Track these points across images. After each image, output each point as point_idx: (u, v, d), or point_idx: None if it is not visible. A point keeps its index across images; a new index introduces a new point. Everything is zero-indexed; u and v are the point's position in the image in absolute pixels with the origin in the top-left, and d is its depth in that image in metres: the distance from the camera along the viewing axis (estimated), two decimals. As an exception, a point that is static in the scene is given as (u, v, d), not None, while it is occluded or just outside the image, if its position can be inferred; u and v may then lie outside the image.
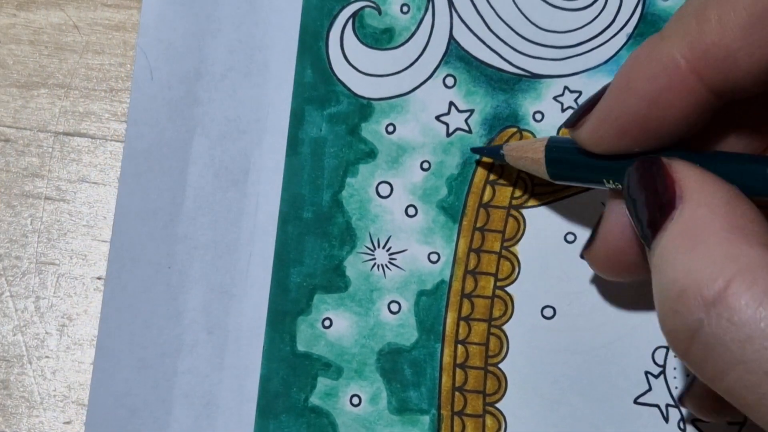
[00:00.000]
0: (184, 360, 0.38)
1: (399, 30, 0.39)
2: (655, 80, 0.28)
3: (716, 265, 0.25)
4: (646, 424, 0.37)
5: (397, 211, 0.38)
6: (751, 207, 0.27)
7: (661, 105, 0.29)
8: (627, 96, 0.29)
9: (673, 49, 0.28)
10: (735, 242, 0.26)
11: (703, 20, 0.27)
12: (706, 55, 0.27)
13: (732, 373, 0.25)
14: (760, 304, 0.24)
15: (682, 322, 0.26)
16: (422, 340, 0.38)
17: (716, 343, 0.25)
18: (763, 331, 0.24)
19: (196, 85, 0.39)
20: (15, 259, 0.39)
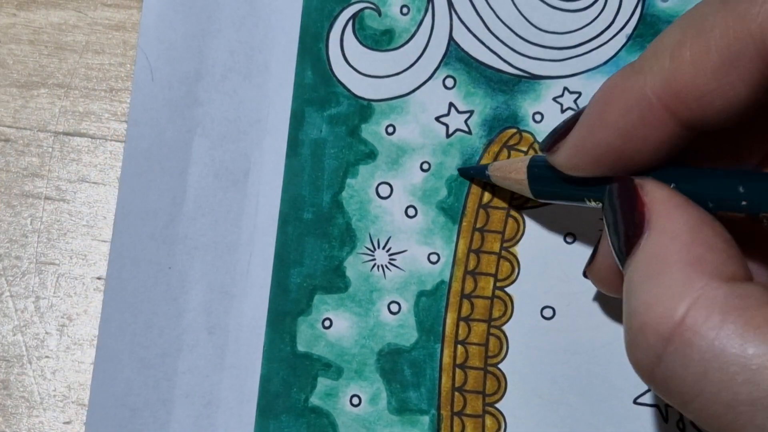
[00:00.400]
0: (185, 360, 0.38)
1: (399, 31, 0.39)
2: (628, 115, 0.28)
3: (672, 300, 0.26)
4: (646, 424, 0.37)
5: (397, 212, 0.38)
6: (716, 233, 0.27)
7: (634, 138, 0.29)
8: (600, 128, 0.29)
9: (646, 85, 0.28)
10: (692, 275, 0.26)
11: (678, 59, 0.27)
12: (678, 94, 0.27)
13: (694, 403, 0.25)
14: (714, 337, 0.25)
15: (643, 355, 0.26)
16: (422, 341, 0.38)
17: (675, 378, 0.26)
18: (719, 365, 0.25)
19: (196, 85, 0.39)
20: (15, 259, 0.39)
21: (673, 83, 0.27)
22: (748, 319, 0.25)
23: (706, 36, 0.26)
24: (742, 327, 0.24)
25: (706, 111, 0.27)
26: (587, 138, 0.30)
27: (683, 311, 0.25)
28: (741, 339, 0.24)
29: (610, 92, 0.29)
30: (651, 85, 0.28)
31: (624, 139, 0.29)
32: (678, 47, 0.27)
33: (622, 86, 0.29)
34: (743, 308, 0.25)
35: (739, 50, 0.26)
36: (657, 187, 0.28)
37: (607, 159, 0.29)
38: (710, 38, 0.26)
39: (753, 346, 0.24)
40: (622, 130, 0.29)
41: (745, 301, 0.25)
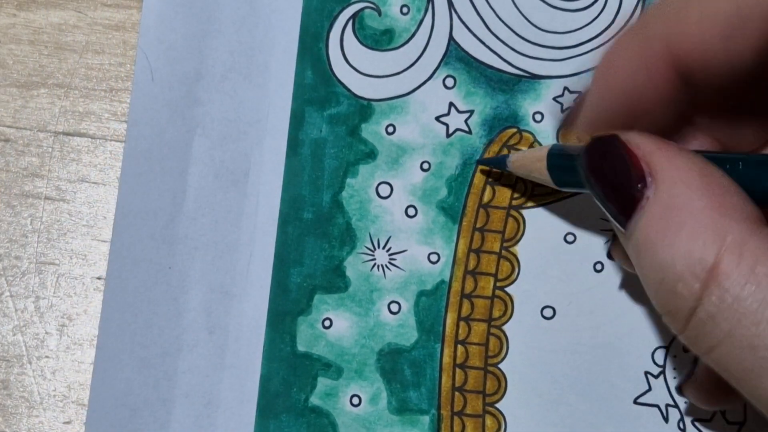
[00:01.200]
0: (185, 360, 0.38)
1: (399, 31, 0.39)
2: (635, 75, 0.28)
3: (705, 246, 0.25)
4: (646, 424, 0.37)
5: (397, 212, 0.38)
6: (725, 176, 0.27)
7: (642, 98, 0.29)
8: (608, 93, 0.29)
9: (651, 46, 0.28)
10: (718, 219, 0.26)
11: (684, 20, 0.27)
12: (684, 54, 0.27)
13: (721, 347, 0.25)
14: (746, 281, 0.25)
15: (681, 303, 0.26)
16: (422, 341, 0.38)
17: (709, 321, 0.26)
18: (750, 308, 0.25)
19: (196, 85, 0.39)
20: (15, 259, 0.39)
21: (679, 43, 0.27)
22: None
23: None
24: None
25: (710, 67, 0.27)
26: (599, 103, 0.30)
27: (717, 257, 0.25)
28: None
29: (614, 57, 0.29)
30: (656, 45, 0.28)
31: (633, 100, 0.29)
32: (685, 6, 0.27)
33: (627, 49, 0.29)
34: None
35: (746, 14, 0.26)
36: (646, 139, 0.28)
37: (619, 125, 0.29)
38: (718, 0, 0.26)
39: None
40: (631, 90, 0.29)
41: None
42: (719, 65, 0.27)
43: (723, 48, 0.27)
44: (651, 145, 0.28)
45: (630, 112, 0.29)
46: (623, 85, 0.29)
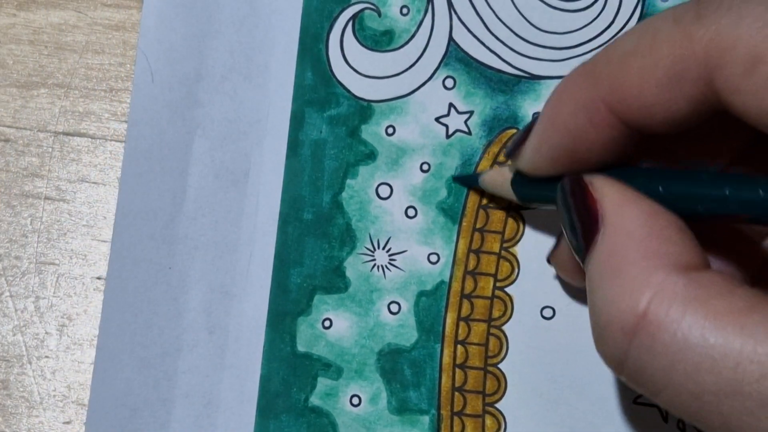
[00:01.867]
0: (185, 360, 0.38)
1: (399, 32, 0.39)
2: (578, 117, 0.29)
3: (633, 295, 0.26)
4: (646, 424, 0.37)
5: (396, 213, 0.38)
6: (670, 225, 0.27)
7: (584, 139, 0.29)
8: (553, 131, 0.30)
9: (593, 92, 0.29)
10: (650, 269, 0.26)
11: (626, 68, 0.28)
12: (624, 101, 0.28)
13: (662, 394, 0.26)
14: (676, 329, 0.25)
15: (611, 350, 0.27)
16: (422, 341, 0.38)
17: (642, 370, 0.26)
18: (683, 356, 0.25)
19: (196, 86, 0.39)
20: (15, 259, 0.39)
21: (620, 90, 0.28)
22: (708, 308, 0.25)
23: (655, 50, 0.27)
24: (703, 317, 0.25)
25: (649, 120, 0.28)
26: (543, 140, 0.31)
27: (644, 305, 0.26)
28: (702, 329, 0.25)
29: (560, 96, 0.30)
30: (598, 90, 0.29)
31: (575, 140, 0.30)
32: (628, 57, 0.28)
33: (571, 90, 0.30)
34: (703, 297, 0.25)
35: (683, 69, 0.27)
36: (607, 183, 0.29)
37: (563, 159, 0.30)
38: (658, 53, 0.27)
39: (714, 335, 0.24)
40: (572, 132, 0.30)
41: (704, 290, 0.25)
42: (658, 114, 0.28)
43: (661, 98, 0.27)
44: (607, 189, 0.29)
45: (572, 151, 0.30)
46: (566, 125, 0.30)
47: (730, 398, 0.24)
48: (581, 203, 0.29)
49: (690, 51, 0.26)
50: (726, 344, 0.24)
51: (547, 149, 0.31)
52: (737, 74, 0.25)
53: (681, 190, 0.28)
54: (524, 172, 0.33)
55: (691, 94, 0.27)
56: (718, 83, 0.26)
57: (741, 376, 0.24)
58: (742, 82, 0.25)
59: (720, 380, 0.24)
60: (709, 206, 0.28)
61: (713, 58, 0.26)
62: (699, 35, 0.26)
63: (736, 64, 0.25)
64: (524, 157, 0.32)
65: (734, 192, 0.27)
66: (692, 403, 0.25)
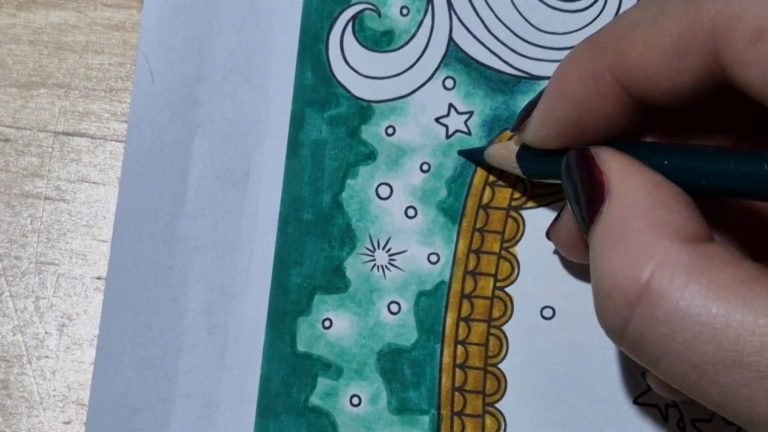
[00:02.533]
0: (185, 360, 0.38)
1: (399, 32, 0.39)
2: (583, 87, 0.29)
3: (637, 263, 0.26)
4: (646, 424, 0.37)
5: (396, 213, 0.38)
6: (674, 196, 0.27)
7: (590, 110, 0.30)
8: (559, 101, 0.30)
9: (600, 61, 0.29)
10: (654, 238, 0.26)
11: (632, 38, 0.28)
12: (629, 70, 0.28)
13: (661, 363, 0.26)
14: (679, 298, 0.25)
15: (612, 319, 0.27)
16: (422, 341, 0.38)
17: (643, 339, 0.26)
18: (684, 325, 0.25)
19: (196, 87, 0.39)
20: (15, 259, 0.39)
21: (625, 60, 0.28)
22: (711, 278, 0.25)
23: (661, 21, 0.27)
24: (706, 287, 0.25)
25: (654, 91, 0.28)
26: (549, 112, 0.31)
27: (648, 274, 0.26)
28: (704, 299, 0.25)
29: (567, 66, 0.30)
30: (605, 61, 0.29)
31: (581, 110, 0.30)
32: (634, 27, 0.28)
33: (578, 60, 0.30)
34: (706, 268, 0.25)
35: (689, 40, 0.27)
36: (613, 155, 0.29)
37: (569, 131, 0.31)
38: (665, 24, 0.27)
39: (716, 306, 0.25)
40: (579, 101, 0.30)
41: (708, 261, 0.25)
42: (663, 85, 0.28)
43: (666, 69, 0.28)
44: (612, 161, 0.29)
45: (578, 122, 0.30)
46: (572, 95, 0.30)
47: (729, 369, 0.24)
48: (587, 174, 0.29)
49: (696, 22, 0.26)
50: (728, 315, 0.24)
51: (553, 121, 0.31)
52: (742, 46, 0.26)
53: (686, 164, 0.28)
54: (530, 145, 0.33)
55: (697, 66, 0.27)
56: (723, 55, 0.26)
57: (741, 347, 0.24)
58: (746, 55, 0.26)
59: (720, 350, 0.24)
60: (714, 181, 0.28)
61: (719, 29, 0.26)
62: (706, 7, 0.26)
63: (742, 36, 0.26)
64: (530, 129, 0.32)
65: (739, 166, 0.27)
66: (691, 372, 0.25)
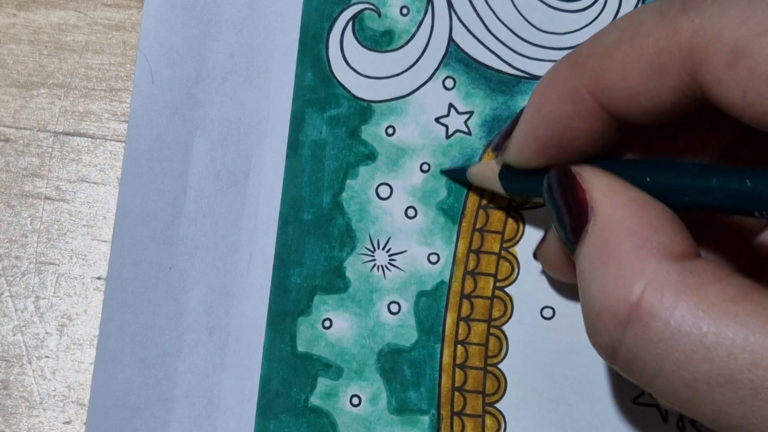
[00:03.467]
0: (185, 360, 0.38)
1: (399, 32, 0.39)
2: (563, 107, 0.29)
3: (626, 284, 0.26)
4: (645, 424, 0.37)
5: (396, 213, 0.38)
6: (660, 214, 0.27)
7: (570, 128, 0.30)
8: (539, 121, 0.30)
9: (578, 80, 0.29)
10: (642, 257, 0.26)
11: (610, 58, 0.28)
12: (608, 90, 0.28)
13: (655, 382, 0.26)
14: (669, 317, 0.25)
15: (604, 340, 0.27)
16: (422, 341, 0.38)
17: (636, 359, 0.26)
18: (677, 344, 0.25)
19: (196, 87, 0.39)
20: (15, 259, 0.39)
21: (604, 80, 0.28)
22: (701, 296, 0.25)
23: (639, 41, 0.27)
24: (696, 305, 0.25)
25: (634, 110, 0.28)
26: (529, 131, 0.31)
27: (638, 294, 0.26)
28: (695, 317, 0.25)
29: (546, 85, 0.30)
30: (583, 80, 0.29)
31: (561, 130, 0.30)
32: (612, 47, 0.28)
33: (557, 79, 0.30)
34: (695, 286, 0.25)
35: (667, 60, 0.27)
36: (596, 174, 0.29)
37: (550, 150, 0.30)
38: (643, 44, 0.27)
39: (706, 324, 0.25)
40: (558, 121, 0.30)
41: (697, 279, 0.25)
42: (642, 104, 0.28)
43: (645, 89, 0.27)
44: (595, 179, 0.29)
45: (558, 141, 0.30)
46: (552, 114, 0.30)
47: (722, 387, 0.24)
48: (570, 194, 0.29)
49: (674, 42, 0.26)
50: (719, 333, 0.24)
51: (534, 140, 0.31)
52: (720, 67, 0.26)
53: (668, 181, 0.28)
54: (511, 165, 0.33)
55: (675, 86, 0.27)
56: (701, 75, 0.26)
57: (733, 365, 0.24)
58: (725, 75, 0.26)
59: (713, 369, 0.24)
60: (697, 197, 0.28)
61: (697, 50, 0.26)
62: (684, 27, 0.26)
63: (720, 56, 0.26)
64: (511, 149, 0.32)
65: (721, 183, 0.27)
66: (685, 391, 0.25)
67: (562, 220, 0.29)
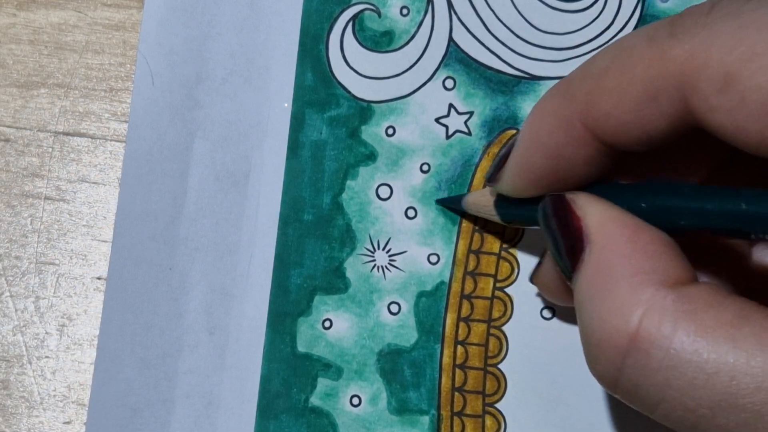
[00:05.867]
0: (186, 360, 0.38)
1: (399, 32, 0.39)
2: (555, 136, 0.29)
3: (623, 313, 0.26)
4: (646, 424, 0.37)
5: (396, 213, 0.38)
6: (655, 240, 0.27)
7: (562, 158, 0.30)
8: (532, 150, 0.30)
9: (570, 109, 0.29)
10: (638, 286, 0.26)
11: (602, 86, 0.28)
12: (600, 120, 0.28)
13: (658, 409, 0.26)
14: (669, 345, 0.25)
15: (604, 369, 0.27)
16: (422, 341, 0.38)
17: (637, 388, 0.26)
18: (677, 371, 0.25)
19: (197, 88, 0.39)
20: (15, 259, 0.39)
21: (595, 109, 0.28)
22: (698, 322, 0.25)
23: (630, 69, 0.27)
24: (694, 331, 0.25)
25: (626, 137, 0.28)
26: (522, 161, 0.31)
27: (636, 323, 0.26)
28: (694, 344, 0.25)
29: (538, 114, 0.30)
30: (575, 109, 0.29)
31: (554, 159, 0.30)
32: (603, 75, 0.28)
33: (549, 108, 0.30)
34: (693, 312, 0.25)
35: (659, 87, 0.27)
36: (590, 201, 0.29)
37: (544, 179, 0.30)
38: (634, 72, 0.27)
39: (706, 350, 0.25)
40: (551, 150, 0.30)
41: (694, 305, 0.25)
42: (634, 131, 0.28)
43: (636, 116, 0.27)
44: (589, 207, 0.29)
45: (552, 170, 0.30)
46: (545, 144, 0.30)
47: (726, 412, 0.24)
48: (565, 222, 0.29)
49: (664, 70, 0.26)
50: (719, 358, 0.24)
51: (528, 170, 0.31)
52: (711, 93, 0.26)
53: (664, 205, 0.28)
54: (506, 194, 0.33)
55: (667, 113, 0.27)
56: (692, 102, 0.26)
57: (736, 390, 0.24)
58: (715, 101, 0.26)
59: (715, 394, 0.24)
60: (692, 220, 0.28)
61: (687, 77, 0.26)
62: (673, 54, 0.26)
63: (710, 83, 0.25)
64: (505, 179, 0.32)
65: (717, 205, 0.27)
66: (688, 417, 0.25)
67: (558, 247, 0.29)
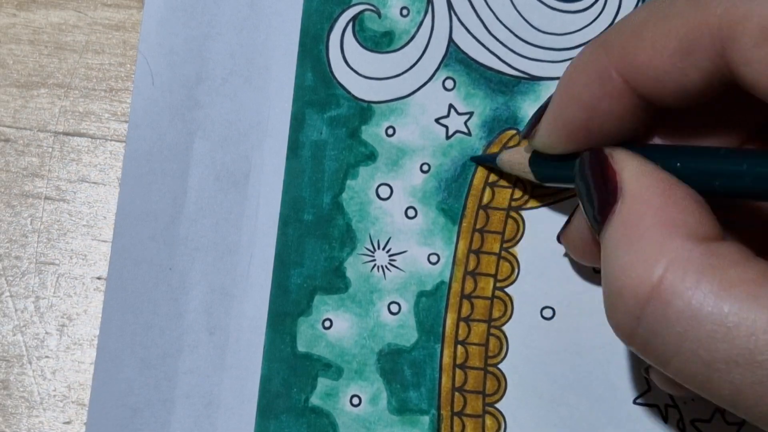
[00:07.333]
0: (186, 360, 0.38)
1: (399, 33, 0.39)
2: (591, 88, 0.29)
3: (649, 262, 0.26)
4: (646, 424, 0.37)
5: (396, 213, 0.38)
6: (687, 196, 0.27)
7: (598, 111, 0.30)
8: (568, 104, 0.30)
9: (607, 61, 0.29)
10: (666, 237, 0.26)
11: (639, 37, 0.28)
12: (636, 70, 0.28)
13: (673, 362, 0.26)
14: (691, 297, 0.25)
15: (623, 317, 0.27)
16: (422, 341, 0.38)
17: (654, 338, 0.26)
18: (697, 324, 0.25)
19: (197, 88, 0.39)
20: (15, 259, 0.39)
21: (632, 60, 0.28)
22: (723, 277, 0.25)
23: (668, 20, 0.27)
24: (718, 286, 0.25)
25: (662, 90, 0.28)
26: (558, 115, 0.31)
27: (660, 273, 0.26)
28: (717, 298, 0.25)
29: (575, 67, 0.30)
30: (612, 61, 0.29)
31: (590, 113, 0.30)
32: (641, 27, 0.28)
33: (585, 60, 0.30)
34: (718, 267, 0.25)
35: (696, 39, 0.27)
36: (627, 156, 0.29)
37: (579, 135, 0.31)
38: (672, 23, 0.27)
39: (728, 304, 0.25)
40: (587, 103, 0.30)
41: (720, 260, 0.25)
42: (670, 84, 0.28)
43: (673, 68, 0.28)
44: (626, 161, 0.29)
45: (587, 125, 0.30)
46: (580, 97, 0.30)
47: (741, 367, 0.24)
48: (600, 174, 0.29)
49: (703, 22, 0.26)
50: (740, 313, 0.24)
51: (563, 125, 0.31)
52: (749, 46, 0.26)
53: (698, 166, 0.28)
54: (541, 150, 0.33)
55: (703, 65, 0.27)
56: (729, 54, 0.26)
57: (754, 346, 0.24)
58: (753, 54, 0.26)
59: (732, 349, 0.24)
60: (726, 182, 0.28)
61: (726, 29, 0.26)
62: (712, 6, 0.26)
63: (749, 35, 0.26)
64: (540, 135, 0.32)
65: (752, 167, 0.27)
66: (703, 371, 0.25)
67: (591, 199, 0.29)
